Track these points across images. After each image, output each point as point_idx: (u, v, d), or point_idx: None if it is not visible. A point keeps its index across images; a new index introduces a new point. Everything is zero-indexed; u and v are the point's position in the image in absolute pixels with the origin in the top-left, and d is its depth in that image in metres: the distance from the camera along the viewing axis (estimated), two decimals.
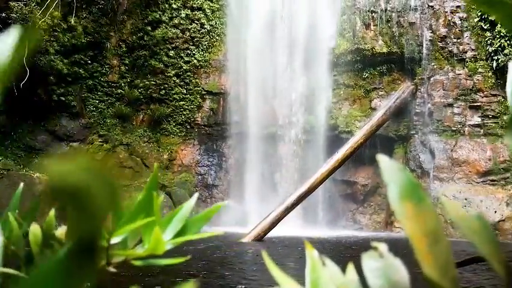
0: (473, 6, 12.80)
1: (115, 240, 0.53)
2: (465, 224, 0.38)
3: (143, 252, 0.53)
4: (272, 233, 10.61)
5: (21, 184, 0.85)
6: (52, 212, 0.79)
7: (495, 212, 11.47)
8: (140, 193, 0.58)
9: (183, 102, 14.90)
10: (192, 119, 14.96)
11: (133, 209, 0.54)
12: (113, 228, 0.52)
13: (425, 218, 0.37)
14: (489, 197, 11.73)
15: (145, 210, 0.55)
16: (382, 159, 0.40)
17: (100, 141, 14.05)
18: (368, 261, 0.39)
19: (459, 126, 12.70)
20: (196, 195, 0.72)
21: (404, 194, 0.38)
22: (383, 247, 0.39)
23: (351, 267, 0.43)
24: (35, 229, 0.75)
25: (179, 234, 0.59)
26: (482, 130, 12.55)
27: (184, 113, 14.93)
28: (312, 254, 0.43)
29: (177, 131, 15.02)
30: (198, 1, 14.93)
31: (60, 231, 0.75)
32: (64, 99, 13.48)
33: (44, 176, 11.57)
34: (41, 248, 0.72)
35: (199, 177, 14.89)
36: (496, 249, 0.39)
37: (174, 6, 14.76)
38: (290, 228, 11.60)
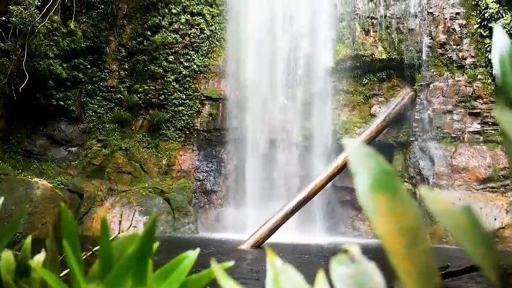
0: (472, 13, 12.81)
1: None
2: (448, 219, 0.32)
3: None
4: (271, 240, 10.53)
5: None
6: (29, 239, 0.70)
7: (495, 219, 11.40)
8: (129, 240, 0.49)
9: (182, 108, 14.86)
10: (191, 125, 14.92)
11: (120, 267, 0.46)
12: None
13: (402, 213, 0.31)
14: (489, 204, 11.65)
15: (135, 272, 0.46)
16: (348, 143, 0.34)
17: (98, 146, 13.98)
18: (338, 267, 0.33)
19: (458, 133, 12.66)
20: (197, 250, 0.63)
21: (375, 185, 0.32)
22: (355, 250, 0.34)
23: (321, 276, 0.37)
24: (7, 256, 0.66)
25: None
26: (481, 137, 12.50)
27: (183, 118, 14.89)
28: (273, 262, 0.38)
29: (176, 136, 14.97)
30: (198, 6, 14.94)
31: (37, 259, 0.68)
32: (62, 103, 13.44)
33: (42, 180, 11.53)
34: (13, 278, 0.65)
35: (198, 183, 14.82)
36: (487, 250, 0.33)
37: (174, 11, 14.75)
38: (289, 234, 11.52)
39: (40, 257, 0.62)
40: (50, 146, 13.59)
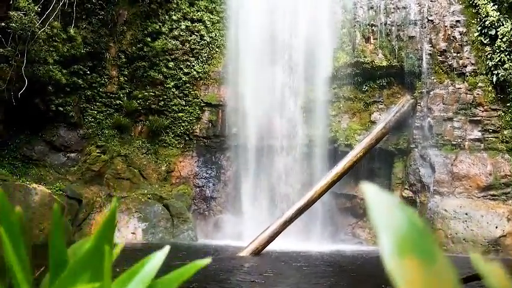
0: (472, 21, 12.82)
1: None
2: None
3: None
4: (270, 247, 10.45)
5: None
6: None
7: (496, 227, 11.33)
8: (87, 240, 0.44)
9: (182, 114, 14.83)
10: (191, 131, 14.88)
11: (74, 264, 0.40)
12: None
13: (438, 284, 0.23)
14: (490, 212, 11.59)
15: (91, 267, 0.41)
16: (367, 190, 0.27)
17: (97, 152, 13.92)
18: None
19: (459, 140, 12.62)
20: (167, 248, 0.58)
21: (404, 246, 0.24)
22: None
23: None
24: None
25: None
26: (482, 144, 12.46)
27: (183, 124, 14.85)
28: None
29: (176, 142, 14.92)
30: (198, 13, 14.95)
31: None
32: (62, 109, 13.39)
33: (40, 186, 11.46)
34: None
35: (197, 189, 14.75)
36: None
37: (174, 17, 14.77)
38: (288, 242, 11.45)
39: None
40: (48, 152, 13.52)
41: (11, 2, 11.41)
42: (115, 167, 14.11)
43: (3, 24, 11.02)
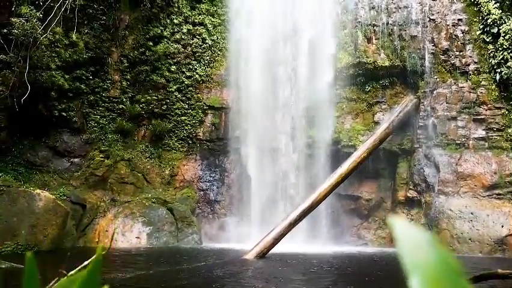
0: (474, 19, 12.77)
1: None
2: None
3: None
4: (275, 249, 10.41)
5: None
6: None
7: (502, 226, 11.26)
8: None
9: (185, 117, 14.83)
10: (194, 134, 14.87)
11: None
12: None
13: None
14: (495, 211, 11.52)
15: None
16: (397, 224, 0.23)
17: (101, 157, 13.93)
18: None
19: (463, 139, 12.56)
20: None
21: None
22: None
23: None
24: None
25: None
26: (486, 143, 12.39)
27: (186, 128, 14.84)
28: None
29: (179, 146, 14.92)
30: (200, 16, 14.96)
31: None
32: (65, 114, 13.41)
33: (44, 192, 11.46)
34: None
35: (201, 192, 14.73)
36: None
37: (176, 21, 14.78)
38: (293, 244, 11.41)
39: None
40: (52, 157, 13.54)
41: (13, 9, 11.45)
42: (119, 171, 14.11)
43: (5, 30, 11.06)
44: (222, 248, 12.15)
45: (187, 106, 14.84)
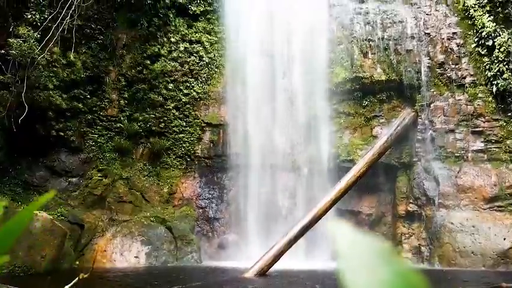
0: (469, 33, 12.87)
1: None
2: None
3: None
4: (276, 267, 10.29)
5: None
6: None
7: (504, 239, 11.15)
8: None
9: (183, 135, 14.81)
10: (192, 152, 14.82)
11: None
12: None
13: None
14: (497, 224, 11.43)
15: None
16: (338, 231, 0.20)
17: (99, 176, 13.86)
18: None
19: (462, 152, 12.54)
20: None
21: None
22: None
23: None
24: None
25: None
26: (485, 155, 12.37)
27: (184, 145, 14.81)
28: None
29: (177, 163, 14.86)
30: (197, 34, 15.06)
31: None
32: (62, 134, 13.38)
33: (42, 212, 11.36)
34: None
35: (200, 210, 14.62)
36: None
37: (173, 40, 14.87)
38: (294, 261, 11.28)
39: None
40: (50, 177, 13.47)
41: (11, 30, 11.52)
42: (117, 190, 14.03)
43: (3, 51, 11.10)
44: (221, 266, 12.01)
45: (185, 123, 14.83)
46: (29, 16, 11.57)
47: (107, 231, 12.84)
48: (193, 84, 14.86)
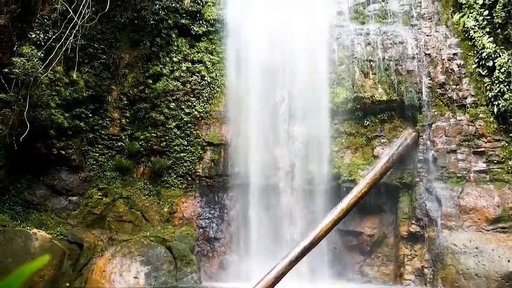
0: (469, 53, 12.95)
1: None
2: None
3: None
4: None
5: None
6: None
7: (508, 261, 10.99)
8: None
9: (184, 154, 14.79)
10: (193, 171, 14.78)
11: None
12: None
13: None
14: (501, 246, 11.27)
15: None
16: None
17: (99, 195, 13.80)
18: None
19: (464, 172, 12.46)
20: None
21: None
22: None
23: None
24: None
25: None
26: (488, 176, 12.29)
27: (185, 164, 14.78)
28: None
29: (178, 183, 14.80)
30: (199, 54, 15.20)
31: None
32: (63, 152, 13.38)
33: (41, 231, 11.27)
34: None
35: (200, 230, 14.50)
36: None
37: (175, 59, 15.00)
38: (295, 282, 11.12)
39: None
40: (50, 196, 13.41)
41: (15, 49, 11.62)
42: (117, 209, 13.94)
43: (6, 70, 11.18)
44: (222, 287, 11.84)
45: (186, 143, 14.83)
46: (33, 36, 11.68)
47: (107, 250, 12.71)
48: (194, 104, 14.92)
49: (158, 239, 13.34)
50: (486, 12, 12.59)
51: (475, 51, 12.73)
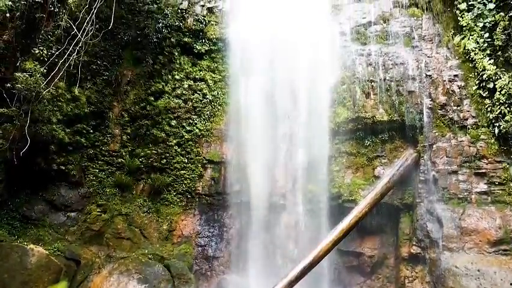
0: (470, 75, 13.02)
1: None
2: None
3: None
4: None
5: None
6: None
7: (510, 284, 10.83)
8: None
9: (184, 172, 14.76)
10: (193, 188, 14.72)
11: None
12: None
13: None
14: (503, 268, 11.12)
15: None
16: None
17: (98, 211, 13.71)
18: None
19: (465, 193, 12.39)
20: None
21: None
22: None
23: None
24: None
25: None
26: (489, 197, 12.21)
27: (185, 182, 14.73)
28: None
29: (177, 200, 14.73)
30: (201, 72, 15.30)
31: None
32: (63, 168, 13.35)
33: (38, 247, 11.17)
34: None
35: (199, 248, 14.36)
36: None
37: (177, 77, 15.10)
38: None
39: None
40: (48, 212, 13.32)
41: (18, 64, 11.70)
42: (116, 226, 13.84)
43: (9, 85, 11.23)
44: None
45: (186, 160, 14.81)
46: (37, 51, 11.77)
47: (104, 268, 12.56)
48: (195, 121, 14.95)
49: (156, 256, 13.20)
50: (487, 35, 12.70)
51: (476, 73, 12.79)
